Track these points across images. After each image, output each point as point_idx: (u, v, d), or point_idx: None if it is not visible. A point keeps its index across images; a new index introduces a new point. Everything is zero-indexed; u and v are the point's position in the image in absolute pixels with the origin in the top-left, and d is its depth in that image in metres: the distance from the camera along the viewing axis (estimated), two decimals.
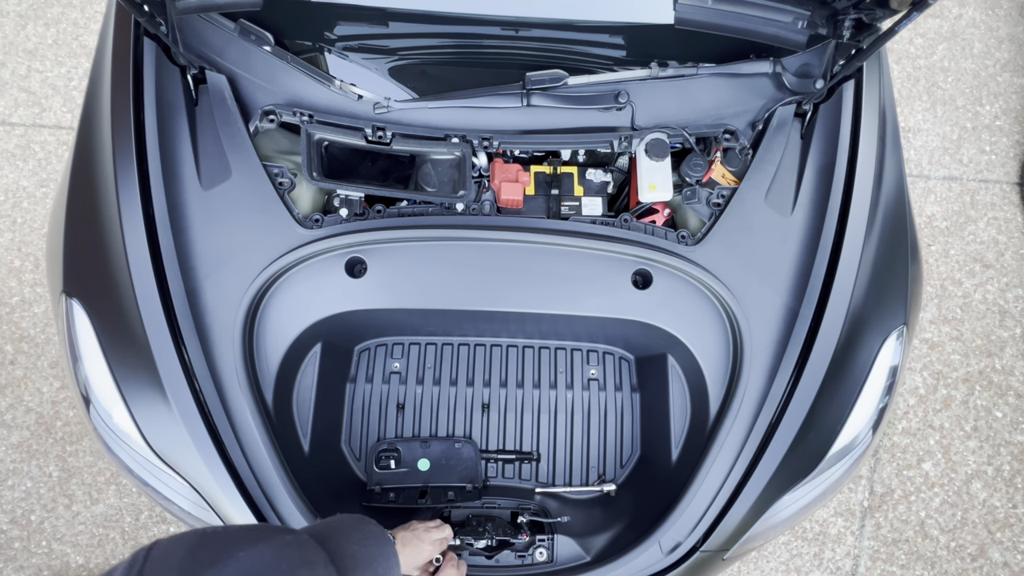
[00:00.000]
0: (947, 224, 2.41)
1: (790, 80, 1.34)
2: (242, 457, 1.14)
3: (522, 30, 1.34)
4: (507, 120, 1.32)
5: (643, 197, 1.32)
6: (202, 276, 1.20)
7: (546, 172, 1.41)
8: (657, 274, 1.28)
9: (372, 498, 1.34)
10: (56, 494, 1.98)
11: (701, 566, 1.18)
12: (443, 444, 1.40)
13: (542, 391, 1.47)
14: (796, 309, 1.24)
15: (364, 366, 1.47)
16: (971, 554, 2.05)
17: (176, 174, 1.24)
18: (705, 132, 1.35)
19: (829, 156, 1.32)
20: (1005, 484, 2.11)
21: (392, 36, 1.36)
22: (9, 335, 2.12)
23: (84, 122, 1.33)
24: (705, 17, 1.26)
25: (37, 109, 2.39)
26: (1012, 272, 2.35)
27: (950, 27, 2.67)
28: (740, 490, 1.18)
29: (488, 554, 1.21)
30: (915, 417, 2.17)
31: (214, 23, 1.29)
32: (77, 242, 1.24)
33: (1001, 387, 2.21)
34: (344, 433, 1.41)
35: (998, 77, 2.61)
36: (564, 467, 1.43)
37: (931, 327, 2.27)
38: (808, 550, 2.03)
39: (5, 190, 2.28)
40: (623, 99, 1.32)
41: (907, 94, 2.58)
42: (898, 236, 1.34)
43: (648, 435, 1.42)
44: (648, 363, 1.45)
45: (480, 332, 1.49)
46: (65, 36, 2.49)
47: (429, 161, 1.33)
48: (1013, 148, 2.52)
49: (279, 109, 1.30)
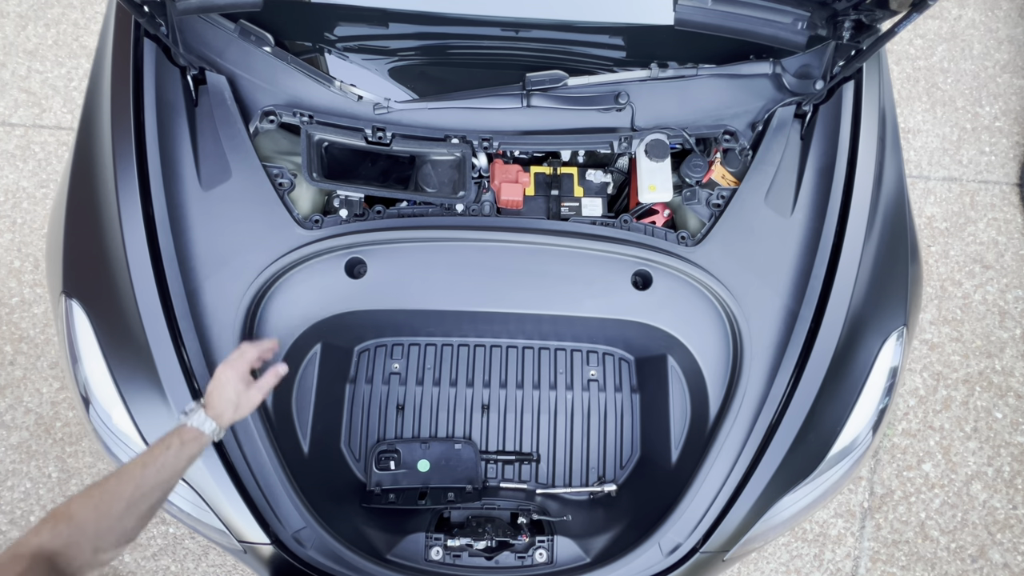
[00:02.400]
0: (947, 225, 2.41)
1: (790, 81, 1.34)
2: (241, 458, 1.14)
3: (522, 31, 1.34)
4: (507, 121, 1.32)
5: (643, 198, 1.32)
6: (202, 277, 1.20)
7: (546, 173, 1.41)
8: (657, 275, 1.28)
9: (372, 499, 1.34)
10: (55, 495, 1.98)
11: (701, 567, 1.18)
12: (443, 445, 1.40)
13: (542, 392, 1.47)
14: (796, 310, 1.24)
15: (364, 367, 1.47)
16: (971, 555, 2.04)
17: (176, 175, 1.24)
18: (705, 133, 1.35)
19: (829, 157, 1.32)
20: (1005, 485, 2.11)
21: (392, 37, 1.36)
22: (9, 336, 2.12)
23: (84, 123, 1.33)
24: (705, 18, 1.26)
25: (37, 110, 2.39)
26: (1012, 273, 2.35)
27: (950, 28, 2.67)
28: (740, 491, 1.17)
29: (488, 555, 1.21)
30: (915, 418, 2.17)
31: (214, 24, 1.29)
32: (77, 243, 1.24)
33: (1001, 388, 2.21)
34: (344, 434, 1.41)
35: (998, 78, 2.61)
36: (564, 468, 1.43)
37: (931, 328, 2.27)
38: (808, 551, 2.03)
39: (5, 191, 2.28)
40: (623, 100, 1.32)
41: (907, 95, 2.58)
42: (898, 237, 1.34)
43: (648, 436, 1.42)
44: (648, 364, 1.45)
45: (480, 333, 1.49)
46: (65, 37, 2.49)
47: (429, 162, 1.33)
48: (1013, 149, 2.52)
49: (279, 110, 1.30)
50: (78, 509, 0.85)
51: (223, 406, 1.01)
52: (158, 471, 0.92)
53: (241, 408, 1.03)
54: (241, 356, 1.04)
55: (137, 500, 0.89)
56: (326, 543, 1.12)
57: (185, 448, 0.96)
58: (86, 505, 0.86)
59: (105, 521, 0.86)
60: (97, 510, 0.86)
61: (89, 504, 0.86)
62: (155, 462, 0.92)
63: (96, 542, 0.85)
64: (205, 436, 0.98)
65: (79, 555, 0.83)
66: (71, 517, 0.84)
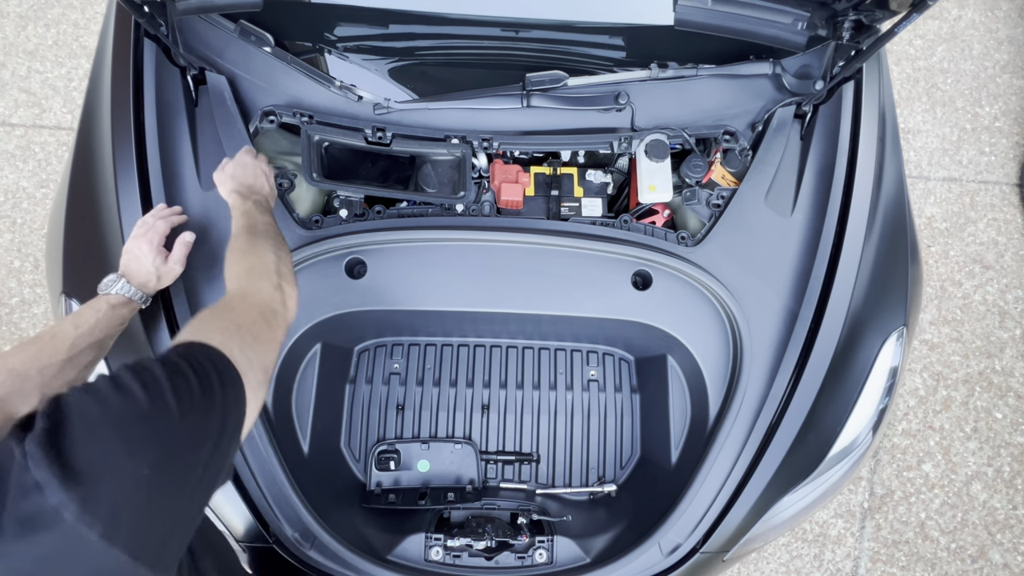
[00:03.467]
0: (947, 225, 2.41)
1: (790, 81, 1.34)
2: (241, 458, 1.14)
3: (522, 31, 1.34)
4: (507, 121, 1.32)
5: (643, 198, 1.32)
6: (202, 277, 1.20)
7: (546, 173, 1.41)
8: (657, 275, 1.28)
9: (371, 499, 1.34)
10: None
11: (701, 567, 1.18)
12: (443, 445, 1.40)
13: (542, 392, 1.47)
14: (796, 310, 1.24)
15: (364, 367, 1.47)
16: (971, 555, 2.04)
17: (176, 175, 1.24)
18: (705, 133, 1.35)
19: (829, 157, 1.32)
20: (1005, 485, 2.11)
21: (392, 37, 1.36)
22: (8, 336, 2.12)
23: (84, 123, 1.33)
24: (705, 18, 1.26)
25: (37, 110, 2.39)
26: (1012, 273, 2.35)
27: (949, 29, 2.68)
28: (740, 491, 1.17)
29: (488, 555, 1.21)
30: (915, 418, 2.17)
31: (214, 24, 1.29)
32: (77, 242, 1.24)
33: (1001, 388, 2.21)
34: (344, 434, 1.41)
35: (997, 78, 2.62)
36: (564, 468, 1.43)
37: (931, 328, 2.27)
38: (808, 551, 2.02)
39: (5, 191, 2.28)
40: (623, 100, 1.32)
41: (907, 95, 2.59)
42: (898, 237, 1.34)
43: (648, 436, 1.42)
44: (648, 364, 1.45)
45: (480, 333, 1.49)
46: (65, 37, 2.49)
47: (429, 162, 1.33)
48: (1012, 149, 2.52)
49: (279, 110, 1.30)
50: (16, 361, 0.86)
51: (144, 277, 1.05)
52: (91, 331, 0.95)
53: (163, 279, 1.08)
54: (152, 229, 1.07)
55: (75, 356, 0.92)
56: (326, 543, 1.12)
57: (115, 311, 0.99)
58: (23, 356, 0.87)
59: (49, 370, 0.88)
60: (38, 360, 0.87)
61: (27, 355, 0.87)
62: (86, 323, 0.95)
63: (43, 389, 0.86)
64: (133, 302, 1.02)
65: (28, 400, 0.84)
66: (10, 368, 0.85)
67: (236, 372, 0.66)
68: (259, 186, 1.14)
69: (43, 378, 0.87)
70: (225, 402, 0.63)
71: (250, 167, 1.15)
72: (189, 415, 0.57)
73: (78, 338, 0.93)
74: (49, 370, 0.88)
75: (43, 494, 0.47)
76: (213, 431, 0.60)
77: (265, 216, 1.05)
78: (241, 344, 0.70)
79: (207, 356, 0.65)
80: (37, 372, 0.87)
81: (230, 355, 0.66)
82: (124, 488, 0.51)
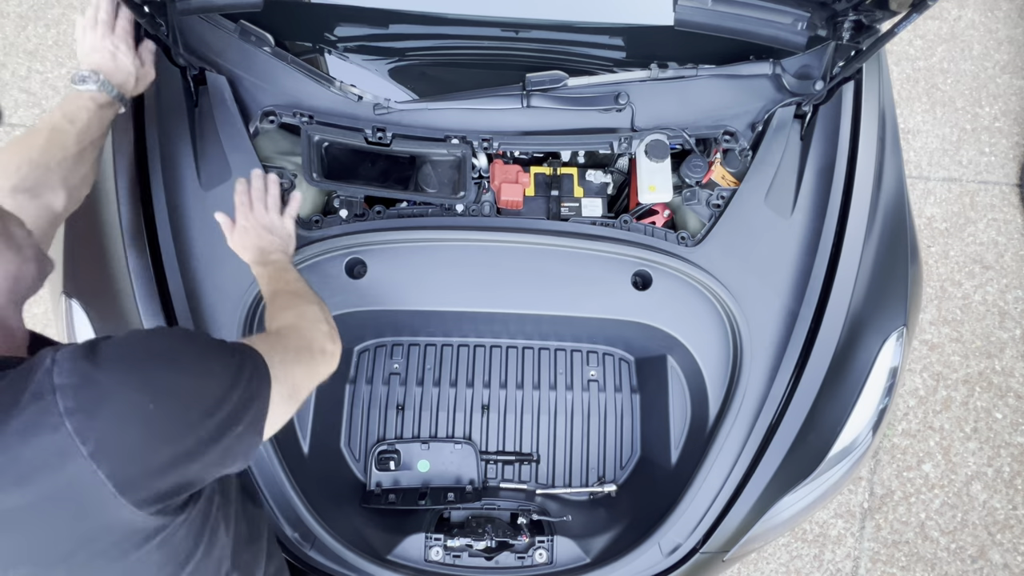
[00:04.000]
0: (947, 225, 2.41)
1: (790, 81, 1.34)
2: None
3: (522, 31, 1.34)
4: (507, 121, 1.32)
5: (643, 198, 1.32)
6: (202, 277, 1.20)
7: (546, 173, 1.41)
8: (657, 275, 1.28)
9: (371, 499, 1.34)
10: None
11: (701, 567, 1.18)
12: (443, 445, 1.40)
13: (542, 392, 1.47)
14: (796, 310, 1.24)
15: (364, 367, 1.47)
16: (971, 556, 2.04)
17: (176, 175, 1.24)
18: (705, 133, 1.35)
19: (829, 157, 1.32)
20: (1005, 486, 2.11)
21: (392, 37, 1.36)
22: None
23: None
24: (705, 19, 1.26)
25: (37, 110, 2.39)
26: (1012, 273, 2.35)
27: (949, 29, 2.68)
28: (740, 491, 1.17)
29: (488, 555, 1.21)
30: (915, 418, 2.17)
31: (214, 24, 1.29)
32: (77, 243, 1.24)
33: (1001, 388, 2.21)
34: (343, 434, 1.41)
35: (997, 79, 2.62)
36: (564, 468, 1.43)
37: (931, 328, 2.27)
38: (808, 552, 2.02)
39: None
40: (623, 100, 1.32)
41: (906, 96, 2.59)
42: (898, 237, 1.34)
43: (648, 436, 1.42)
44: (648, 364, 1.45)
45: (480, 333, 1.49)
46: (66, 37, 2.49)
47: (429, 162, 1.33)
48: (1012, 150, 2.52)
49: (279, 110, 1.29)
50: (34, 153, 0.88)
51: (123, 77, 1.03)
52: (87, 129, 0.95)
53: (141, 81, 1.06)
54: (104, 10, 1.04)
55: (83, 151, 0.93)
56: (326, 543, 1.12)
57: (102, 111, 0.97)
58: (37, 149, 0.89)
59: (65, 164, 0.91)
60: (52, 154, 0.90)
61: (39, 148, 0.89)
62: (80, 120, 0.95)
63: (65, 183, 0.90)
64: (116, 103, 1.01)
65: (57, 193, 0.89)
66: (32, 161, 0.88)
67: (267, 371, 0.70)
68: (270, 244, 1.08)
69: (62, 171, 0.90)
70: (250, 387, 0.66)
71: (251, 231, 1.08)
72: (208, 378, 0.62)
73: (80, 133, 0.93)
74: (65, 163, 0.91)
75: (55, 398, 0.52)
76: (229, 404, 0.62)
77: (289, 273, 1.02)
78: (283, 357, 0.75)
79: (245, 350, 0.70)
80: (56, 165, 0.90)
81: (268, 360, 0.71)
82: (125, 416, 0.54)
